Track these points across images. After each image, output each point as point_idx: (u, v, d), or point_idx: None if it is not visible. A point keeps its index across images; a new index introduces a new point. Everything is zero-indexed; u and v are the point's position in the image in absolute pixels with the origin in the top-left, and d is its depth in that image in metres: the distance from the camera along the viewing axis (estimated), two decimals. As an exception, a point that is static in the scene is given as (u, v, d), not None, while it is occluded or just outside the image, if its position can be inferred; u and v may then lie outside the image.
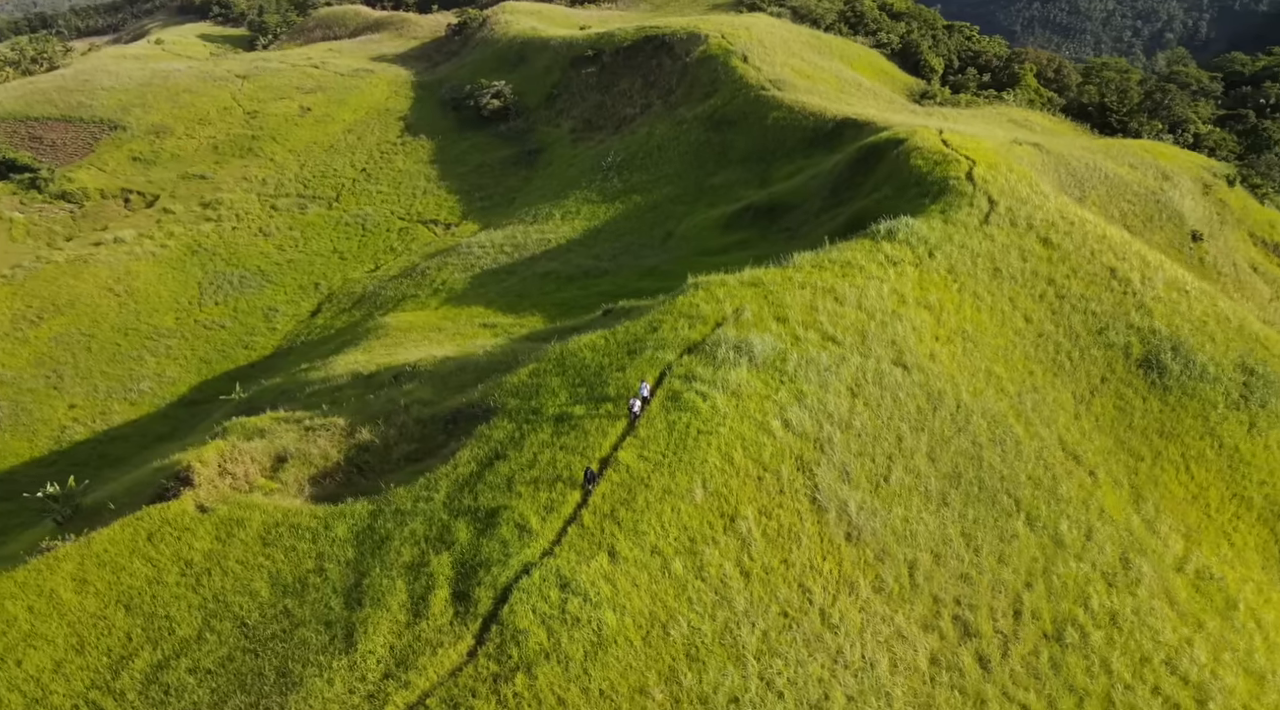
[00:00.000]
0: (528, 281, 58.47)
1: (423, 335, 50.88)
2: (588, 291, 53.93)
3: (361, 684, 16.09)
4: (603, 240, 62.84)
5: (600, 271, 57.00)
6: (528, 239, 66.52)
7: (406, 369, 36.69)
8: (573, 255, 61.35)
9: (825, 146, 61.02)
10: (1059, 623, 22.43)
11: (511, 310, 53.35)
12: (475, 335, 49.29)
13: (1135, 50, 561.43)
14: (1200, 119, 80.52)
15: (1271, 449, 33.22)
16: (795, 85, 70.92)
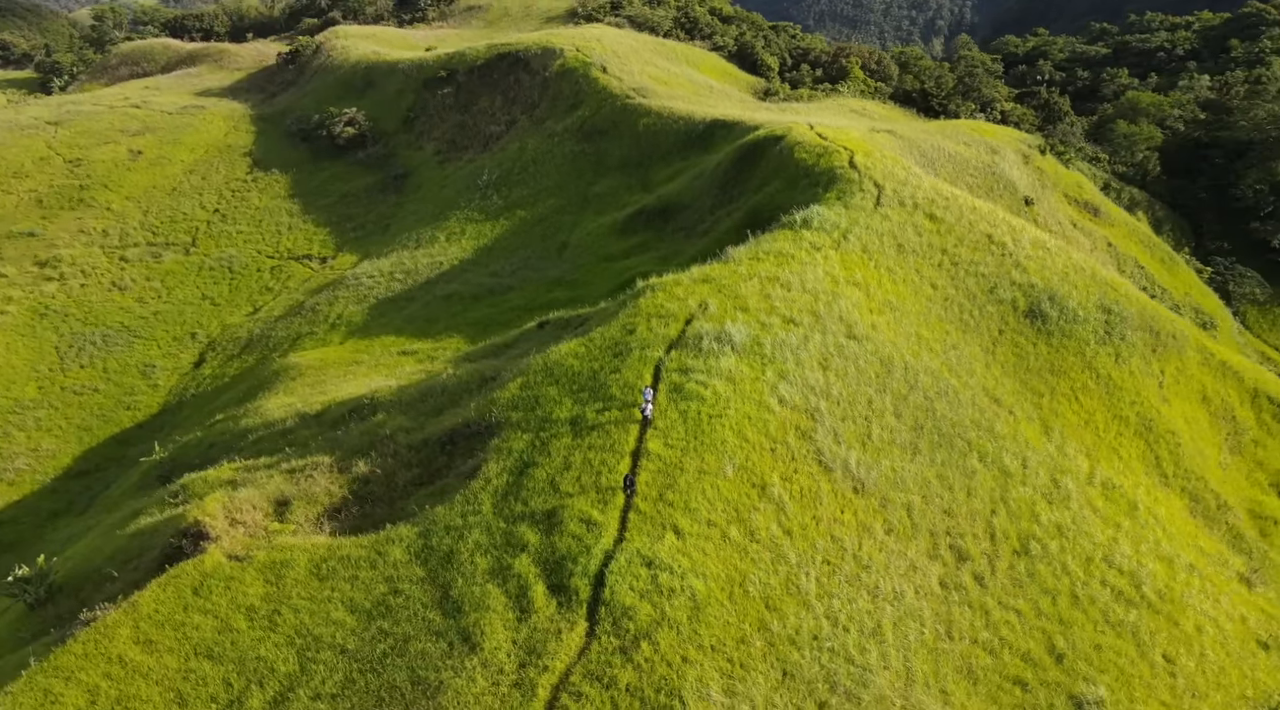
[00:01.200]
0: (432, 306, 58.81)
1: (343, 370, 50.47)
2: (499, 308, 55.08)
3: (502, 675, 17.44)
4: (497, 257, 63.90)
5: (505, 288, 58.19)
6: (417, 264, 66.57)
7: (364, 402, 36.94)
8: (470, 275, 62.10)
9: (700, 147, 64.73)
10: (1023, 539, 26.39)
11: (426, 335, 53.71)
12: (399, 364, 49.51)
13: (914, 38, 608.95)
14: (1003, 98, 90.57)
15: (1135, 374, 39.31)
16: (657, 92, 74.39)
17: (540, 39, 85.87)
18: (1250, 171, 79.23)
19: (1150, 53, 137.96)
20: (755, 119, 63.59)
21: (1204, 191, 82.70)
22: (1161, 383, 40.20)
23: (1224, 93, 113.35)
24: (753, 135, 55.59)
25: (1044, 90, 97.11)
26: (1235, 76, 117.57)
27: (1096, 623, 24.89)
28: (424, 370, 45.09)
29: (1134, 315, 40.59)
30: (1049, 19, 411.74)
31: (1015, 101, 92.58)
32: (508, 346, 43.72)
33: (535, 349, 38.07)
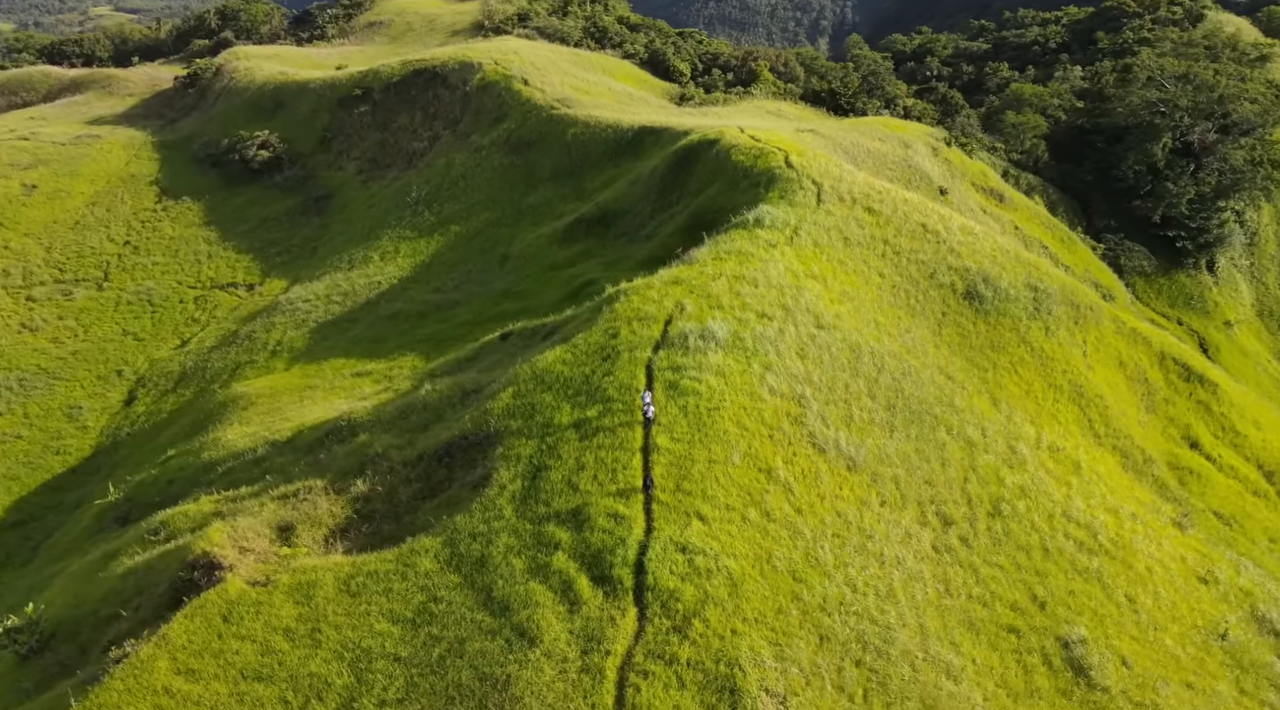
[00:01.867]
0: (378, 326, 58.58)
1: (298, 396, 49.92)
2: (449, 324, 55.34)
3: (566, 663, 18.37)
4: (437, 273, 63.99)
5: (451, 303, 58.43)
6: (354, 286, 66.04)
7: (341, 424, 36.97)
8: (413, 292, 62.04)
9: (631, 154, 66.29)
10: (994, 502, 28.73)
11: (377, 356, 53.54)
12: (356, 385, 49.33)
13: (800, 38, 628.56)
14: (904, 94, 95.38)
15: (1063, 345, 42.67)
16: (581, 102, 75.63)
17: (456, 54, 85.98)
18: (1129, 154, 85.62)
19: (1026, 47, 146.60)
20: (683, 124, 65.54)
21: (1090, 174, 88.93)
22: (1085, 351, 43.72)
23: (1095, 82, 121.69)
24: (687, 140, 57.44)
25: (941, 86, 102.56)
26: (1104, 66, 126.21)
27: (1066, 571, 27.36)
28: (387, 390, 45.17)
29: (1057, 291, 44.03)
30: (924, 18, 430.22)
31: (915, 97, 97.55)
32: (471, 360, 44.22)
33: (509, 360, 38.85)
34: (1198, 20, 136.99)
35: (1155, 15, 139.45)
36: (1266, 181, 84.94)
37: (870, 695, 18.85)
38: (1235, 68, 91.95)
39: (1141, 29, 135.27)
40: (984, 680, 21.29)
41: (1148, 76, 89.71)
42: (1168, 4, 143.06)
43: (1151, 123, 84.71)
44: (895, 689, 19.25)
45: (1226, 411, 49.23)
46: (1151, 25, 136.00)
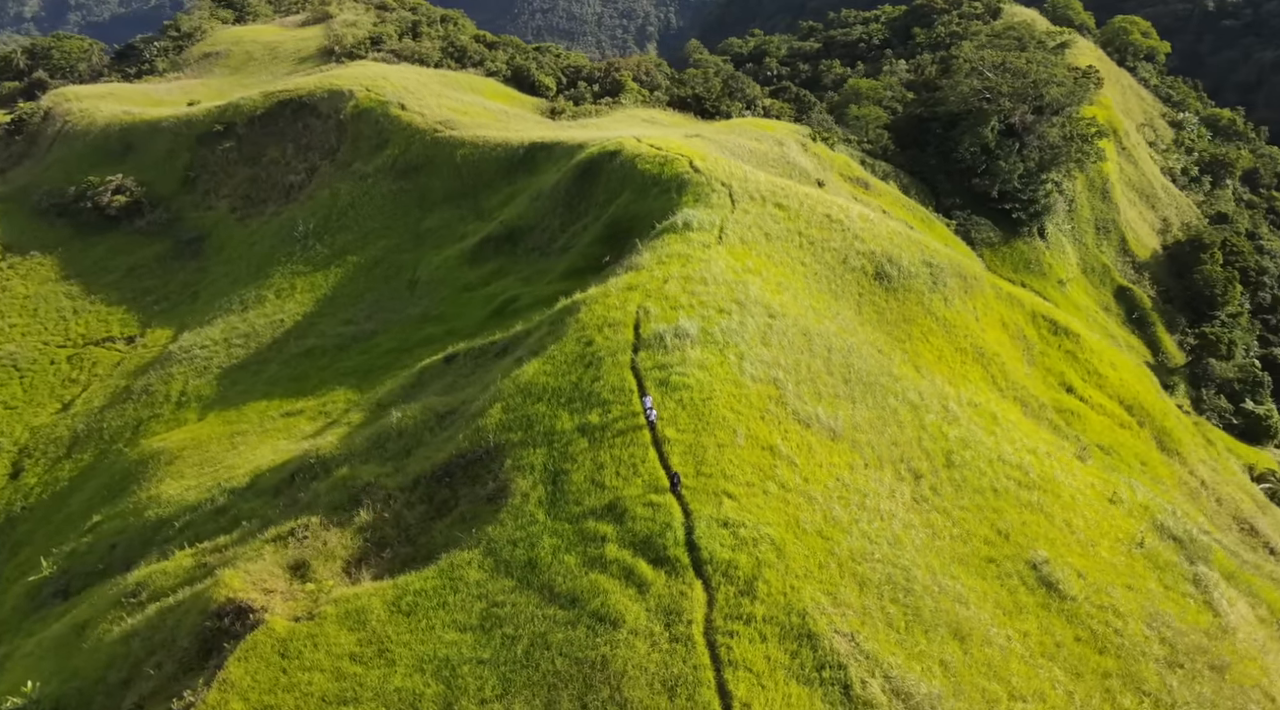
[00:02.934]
0: (293, 364, 57.46)
1: (228, 444, 48.60)
2: (372, 354, 55.13)
3: (655, 636, 20.09)
4: (343, 306, 63.21)
5: (368, 334, 58.08)
6: (254, 326, 64.25)
7: (308, 461, 36.79)
8: (322, 327, 61.11)
9: (525, 171, 67.68)
10: (946, 454, 32.46)
11: (302, 394, 52.70)
12: (292, 425, 48.56)
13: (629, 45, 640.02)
14: (762, 95, 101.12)
15: (960, 312, 47.67)
16: (463, 123, 76.22)
17: (323, 82, 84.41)
18: (964, 138, 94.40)
19: (853, 44, 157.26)
20: (573, 138, 67.54)
21: (933, 158, 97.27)
22: (977, 316, 48.98)
23: (919, 74, 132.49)
24: (586, 153, 59.52)
25: (793, 86, 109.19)
26: (925, 59, 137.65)
27: (1015, 506, 31.37)
28: (332, 425, 44.86)
29: (947, 265, 49.09)
30: (746, 20, 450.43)
31: (771, 97, 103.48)
32: (416, 386, 44.66)
33: (465, 380, 39.83)
34: (996, 14, 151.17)
35: (960, 10, 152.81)
36: (1079, 154, 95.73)
37: (911, 626, 21.69)
38: (1042, 55, 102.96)
39: (951, 23, 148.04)
40: (984, 604, 24.64)
41: (970, 67, 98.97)
42: (968, 2, 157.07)
43: (980, 108, 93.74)
44: (928, 619, 22.19)
45: (1089, 358, 56.08)
46: (959, 19, 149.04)
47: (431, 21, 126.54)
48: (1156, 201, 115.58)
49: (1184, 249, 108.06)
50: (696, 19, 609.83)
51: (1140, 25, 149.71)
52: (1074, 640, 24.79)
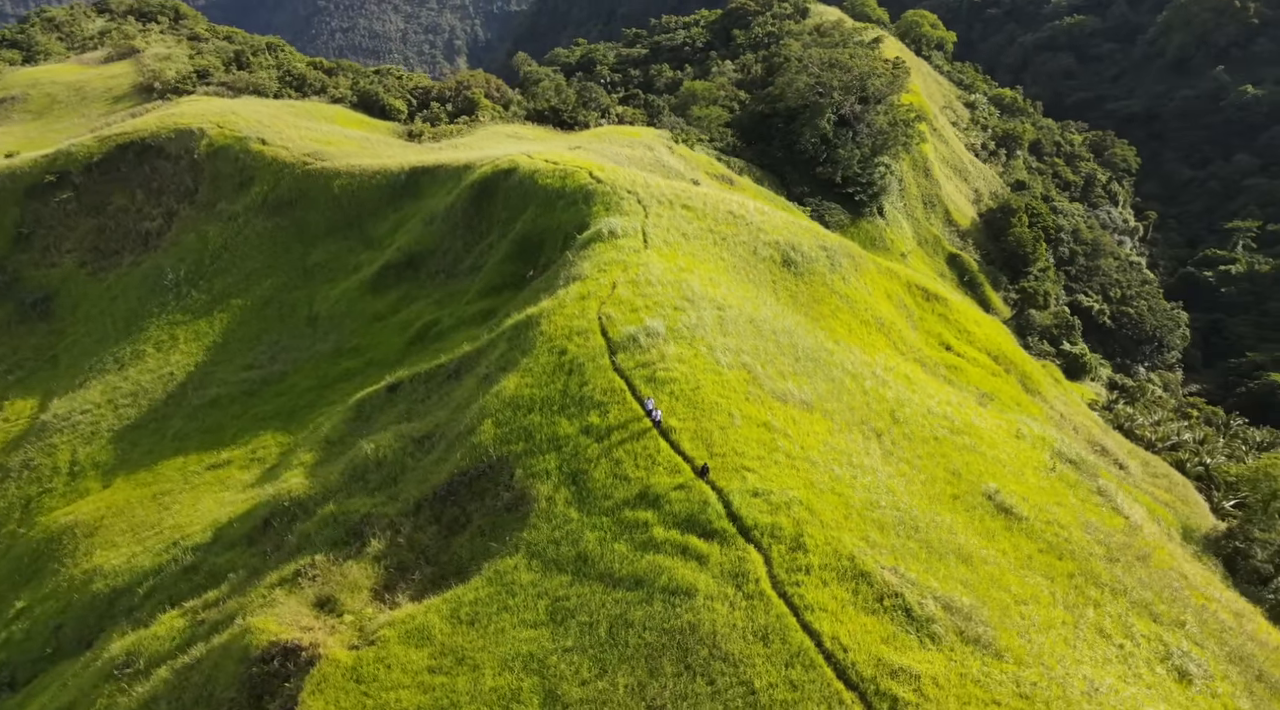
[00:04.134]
0: (200, 415, 55.26)
1: (153, 505, 46.51)
2: (290, 394, 53.98)
3: (731, 598, 22.34)
4: (239, 351, 61.10)
5: (278, 375, 56.64)
6: (139, 384, 61.02)
7: (281, 506, 36.34)
8: (222, 374, 58.93)
9: (409, 196, 67.59)
10: (891, 413, 36.53)
11: (224, 444, 51.00)
12: (226, 476, 47.15)
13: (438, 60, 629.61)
14: (614, 103, 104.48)
15: (856, 288, 52.50)
16: (330, 153, 74.81)
17: (165, 122, 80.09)
18: (805, 130, 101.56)
19: (679, 48, 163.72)
20: (456, 159, 68.09)
21: (779, 152, 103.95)
22: (869, 291, 54.09)
23: (746, 73, 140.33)
24: (479, 173, 60.48)
25: (641, 92, 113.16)
26: (749, 58, 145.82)
27: (954, 449, 35.80)
28: (278, 468, 43.99)
29: (838, 247, 53.94)
30: (556, 29, 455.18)
31: (622, 104, 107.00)
32: (359, 419, 44.62)
33: (424, 406, 40.44)
34: (804, 13, 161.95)
35: (772, 11, 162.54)
36: (904, 137, 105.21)
37: (930, 556, 25.10)
38: (862, 50, 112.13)
39: (767, 23, 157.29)
40: (967, 532, 28.55)
41: (800, 65, 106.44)
42: (778, 3, 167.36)
43: (816, 102, 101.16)
44: (938, 548, 25.72)
45: (958, 318, 62.84)
46: (773, 19, 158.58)
47: (256, 50, 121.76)
48: (968, 175, 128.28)
49: (996, 215, 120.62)
50: (505, 30, 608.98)
51: (929, 18, 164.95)
52: (1039, 552, 29.15)
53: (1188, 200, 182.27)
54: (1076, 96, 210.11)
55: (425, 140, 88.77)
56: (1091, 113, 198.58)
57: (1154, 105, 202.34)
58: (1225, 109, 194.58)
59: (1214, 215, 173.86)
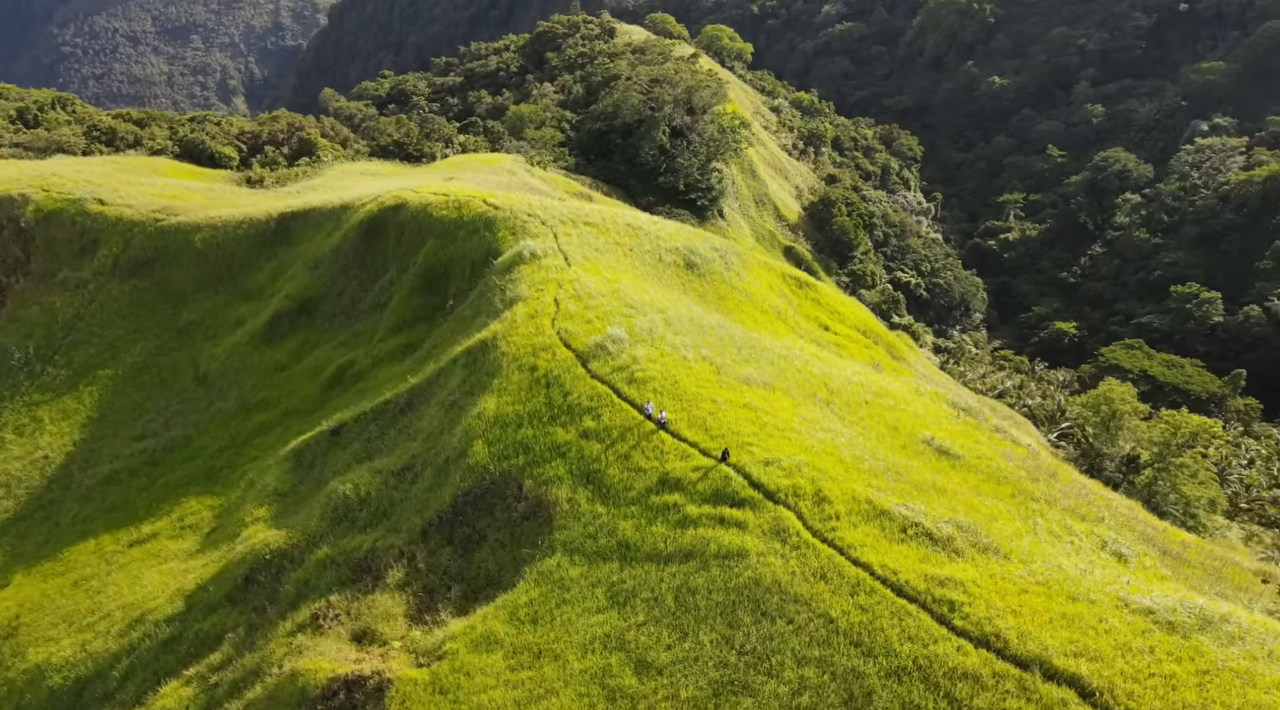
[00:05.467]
0: (99, 495, 52.02)
1: (80, 594, 43.82)
2: (202, 457, 51.98)
3: (781, 551, 25.29)
4: (123, 423, 57.67)
5: (183, 441, 54.18)
6: (8, 474, 56.38)
7: (263, 560, 35.73)
8: (111, 449, 55.53)
9: (282, 243, 66.04)
10: (824, 386, 40.92)
11: (139, 518, 48.49)
12: (156, 548, 45.09)
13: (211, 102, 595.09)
14: (455, 133, 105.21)
15: (750, 283, 57.15)
16: (179, 207, 71.42)
17: (-24, 189, 73.22)
18: (643, 144, 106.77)
19: (494, 74, 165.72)
20: (328, 202, 67.15)
21: (621, 166, 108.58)
22: (759, 285, 58.97)
23: (567, 94, 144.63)
24: (365, 212, 60.32)
25: (481, 121, 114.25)
26: (567, 79, 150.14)
27: (882, 409, 40.69)
28: (221, 531, 42.63)
29: (726, 248, 58.47)
30: (343, 62, 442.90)
31: (462, 133, 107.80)
32: (301, 467, 44.19)
33: (384, 441, 40.85)
34: (612, 33, 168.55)
35: (580, 33, 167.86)
36: (734, 143, 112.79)
37: (920, 491, 29.18)
38: (685, 65, 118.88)
39: (578, 45, 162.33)
40: (927, 470, 33.11)
41: (628, 83, 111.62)
42: (585, 24, 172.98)
43: (651, 117, 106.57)
44: (921, 486, 29.91)
45: (828, 302, 69.22)
46: (583, 40, 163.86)
47: (44, 106, 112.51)
48: (788, 173, 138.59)
49: (818, 208, 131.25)
50: (284, 66, 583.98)
51: (726, 32, 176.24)
52: (982, 481, 34.19)
53: (962, 180, 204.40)
54: (857, 95, 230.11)
55: (269, 186, 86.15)
56: (872, 109, 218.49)
57: (923, 99, 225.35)
58: (980, 98, 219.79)
59: (986, 191, 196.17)
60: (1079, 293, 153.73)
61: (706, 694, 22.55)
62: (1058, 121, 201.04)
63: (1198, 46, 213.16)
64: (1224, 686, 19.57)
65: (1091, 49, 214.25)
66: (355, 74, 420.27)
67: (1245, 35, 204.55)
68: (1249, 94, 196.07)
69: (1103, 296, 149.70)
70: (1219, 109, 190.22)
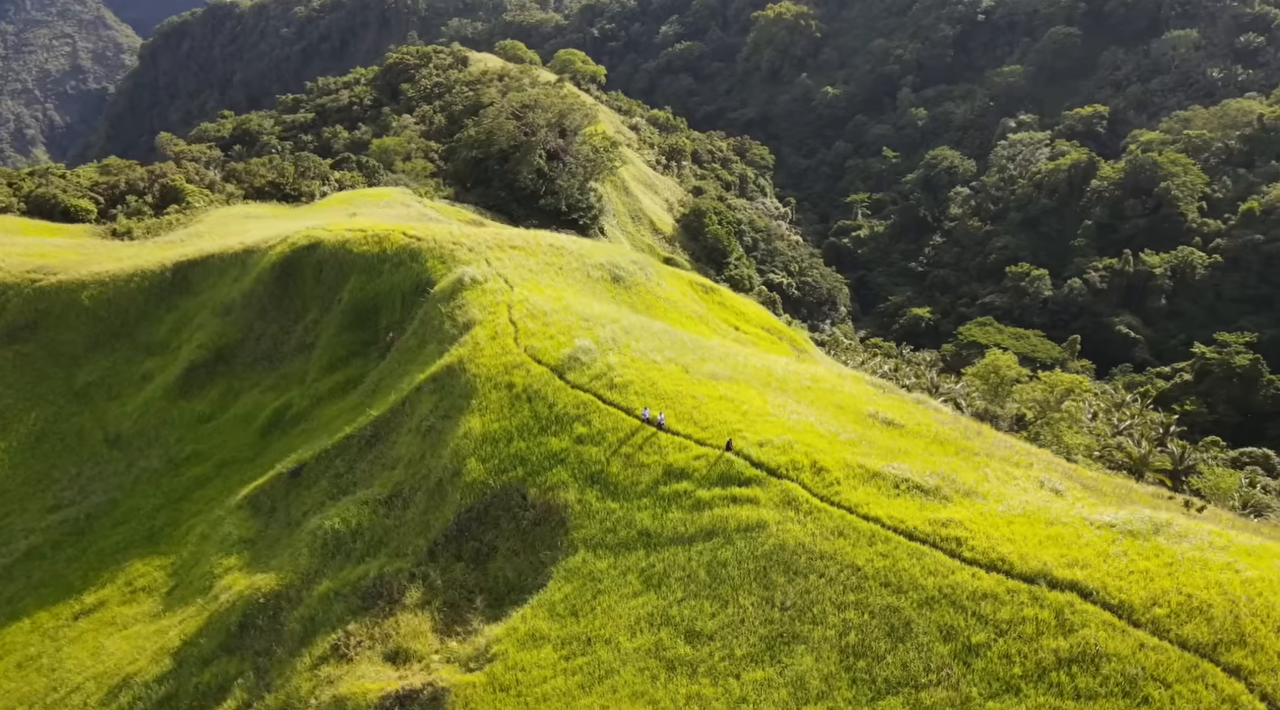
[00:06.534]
0: (21, 571, 49.21)
1: (29, 673, 41.53)
2: (136, 519, 50.05)
3: (799, 517, 28.02)
4: (29, 496, 54.41)
5: (105, 506, 51.72)
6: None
7: (259, 601, 35.28)
8: (22, 524, 52.41)
9: (182, 293, 63.84)
10: (768, 375, 44.28)
11: (77, 590, 46.22)
12: (109, 616, 43.18)
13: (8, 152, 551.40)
14: (328, 169, 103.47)
15: (670, 292, 60.24)
16: (54, 266, 67.55)
17: None
18: (521, 168, 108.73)
19: (347, 108, 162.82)
20: (228, 247, 65.31)
21: (501, 191, 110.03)
22: (677, 292, 62.19)
23: (429, 124, 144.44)
24: (276, 254, 59.35)
25: (354, 156, 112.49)
26: (426, 110, 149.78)
27: (821, 391, 44.47)
28: (193, 585, 41.42)
29: (643, 260, 61.40)
30: (159, 102, 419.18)
31: (336, 169, 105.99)
32: (261, 512, 43.68)
33: (362, 466, 41.09)
34: (465, 62, 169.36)
35: (433, 63, 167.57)
36: (608, 162, 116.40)
37: (891, 455, 32.74)
38: (554, 90, 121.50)
39: (433, 75, 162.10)
40: (882, 438, 36.91)
41: (498, 111, 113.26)
42: (436, 54, 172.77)
43: (527, 142, 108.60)
44: (889, 450, 33.49)
45: (733, 304, 73.37)
46: (437, 71, 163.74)
47: None
48: (657, 188, 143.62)
49: (690, 219, 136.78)
50: (91, 111, 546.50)
51: (579, 55, 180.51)
52: (929, 443, 38.31)
53: (809, 184, 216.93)
54: (703, 110, 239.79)
55: (140, 237, 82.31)
56: (719, 122, 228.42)
57: (765, 110, 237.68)
58: (817, 107, 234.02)
59: (833, 193, 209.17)
60: (928, 280, 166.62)
61: (760, 648, 25.06)
62: (888, 125, 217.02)
63: (997, 52, 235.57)
64: (1188, 573, 23.86)
65: (909, 58, 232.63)
66: (176, 116, 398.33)
67: (1035, 40, 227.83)
68: (1044, 92, 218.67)
69: (949, 281, 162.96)
70: (1021, 107, 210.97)
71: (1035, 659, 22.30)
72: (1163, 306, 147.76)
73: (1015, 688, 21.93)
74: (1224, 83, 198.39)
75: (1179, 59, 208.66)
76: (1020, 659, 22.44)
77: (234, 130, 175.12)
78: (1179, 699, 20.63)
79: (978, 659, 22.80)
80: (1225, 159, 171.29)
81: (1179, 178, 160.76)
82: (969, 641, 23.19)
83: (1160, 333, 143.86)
